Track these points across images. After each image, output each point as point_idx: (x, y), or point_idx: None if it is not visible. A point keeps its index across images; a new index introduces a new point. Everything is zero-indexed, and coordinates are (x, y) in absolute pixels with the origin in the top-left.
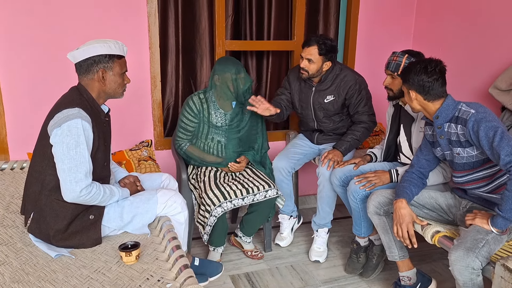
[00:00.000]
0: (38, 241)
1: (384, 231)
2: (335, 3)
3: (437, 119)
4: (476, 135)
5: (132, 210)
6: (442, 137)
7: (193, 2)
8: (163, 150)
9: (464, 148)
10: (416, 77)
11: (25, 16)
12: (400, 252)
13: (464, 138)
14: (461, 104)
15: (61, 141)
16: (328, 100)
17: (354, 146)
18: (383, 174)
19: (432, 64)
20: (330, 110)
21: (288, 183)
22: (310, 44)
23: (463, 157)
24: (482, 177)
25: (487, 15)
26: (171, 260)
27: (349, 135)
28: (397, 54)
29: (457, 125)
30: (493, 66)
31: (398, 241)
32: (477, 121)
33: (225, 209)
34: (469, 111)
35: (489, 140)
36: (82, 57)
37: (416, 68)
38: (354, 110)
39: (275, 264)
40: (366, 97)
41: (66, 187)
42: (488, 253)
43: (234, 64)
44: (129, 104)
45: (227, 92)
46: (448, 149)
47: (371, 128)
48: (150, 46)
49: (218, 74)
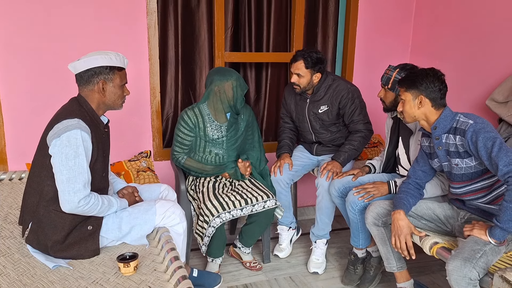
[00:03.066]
0: (36, 252)
1: (382, 242)
2: (333, 16)
3: (435, 129)
4: (474, 146)
5: (131, 221)
6: (440, 148)
7: (193, 14)
8: (162, 161)
9: (462, 159)
10: (430, 84)
11: (26, 27)
12: (398, 263)
13: (463, 148)
14: (458, 115)
15: (60, 151)
16: (322, 110)
17: (352, 156)
18: (381, 185)
19: (439, 73)
20: (326, 121)
21: (287, 194)
22: (296, 59)
23: (461, 168)
24: (480, 188)
25: (484, 28)
26: (169, 271)
27: (347, 146)
28: (390, 68)
29: (456, 136)
30: (490, 79)
31: (396, 252)
32: (475, 131)
33: (224, 220)
34: (468, 121)
35: (487, 151)
36: (83, 68)
37: (429, 74)
38: (349, 119)
39: (273, 276)
40: (360, 106)
41: (65, 197)
42: (485, 264)
43: (232, 72)
44: (128, 115)
45: (225, 101)
46: (446, 160)
47: (367, 137)
48: (150, 58)
49: (218, 85)
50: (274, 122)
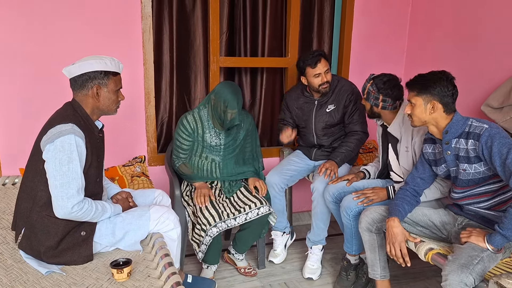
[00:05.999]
0: (28, 258)
1: (371, 248)
2: (328, 21)
3: (446, 134)
4: (488, 150)
5: (124, 227)
6: (449, 153)
7: (188, 19)
8: (156, 166)
9: (471, 164)
10: (444, 88)
11: (20, 32)
12: (382, 272)
13: (474, 153)
14: (470, 119)
15: (54, 156)
16: (330, 109)
17: (348, 157)
18: (380, 190)
19: (451, 76)
20: (331, 121)
21: (281, 199)
22: (320, 59)
23: (469, 173)
24: (483, 192)
25: (479, 34)
26: (163, 277)
27: (343, 147)
28: (367, 78)
29: (468, 140)
30: (485, 84)
31: (383, 260)
32: (491, 136)
33: (220, 230)
34: (482, 126)
35: (501, 157)
36: (77, 72)
37: (442, 79)
38: (349, 119)
39: (268, 282)
40: (360, 108)
41: (58, 203)
42: (482, 270)
43: (231, 97)
44: (122, 120)
45: (215, 115)
46: (455, 165)
47: (363, 139)
48: (144, 62)
49: (215, 96)
50: (270, 128)
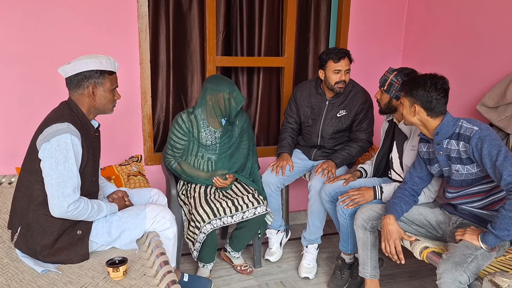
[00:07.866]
0: (24, 256)
1: (364, 246)
2: (325, 20)
3: (437, 135)
4: (479, 153)
5: (120, 226)
6: (441, 154)
7: (184, 18)
8: (153, 165)
9: (464, 165)
10: (425, 93)
11: (16, 31)
12: (373, 271)
13: (466, 155)
14: (461, 120)
15: (50, 155)
16: (341, 114)
17: (348, 161)
18: (366, 191)
19: (441, 82)
20: (340, 127)
21: (277, 197)
22: (342, 57)
23: (461, 174)
24: (476, 192)
25: (475, 33)
26: (159, 276)
27: (346, 151)
28: (389, 70)
29: (459, 141)
30: (481, 84)
31: (374, 260)
32: (481, 138)
33: (215, 227)
34: (472, 128)
35: (492, 159)
36: (73, 72)
37: (427, 84)
38: (358, 127)
39: (264, 280)
40: (370, 118)
41: (54, 202)
42: (476, 268)
43: (227, 84)
44: (119, 119)
45: (218, 111)
46: (447, 165)
47: (366, 148)
48: (141, 62)
49: (211, 94)
50: (266, 127)
